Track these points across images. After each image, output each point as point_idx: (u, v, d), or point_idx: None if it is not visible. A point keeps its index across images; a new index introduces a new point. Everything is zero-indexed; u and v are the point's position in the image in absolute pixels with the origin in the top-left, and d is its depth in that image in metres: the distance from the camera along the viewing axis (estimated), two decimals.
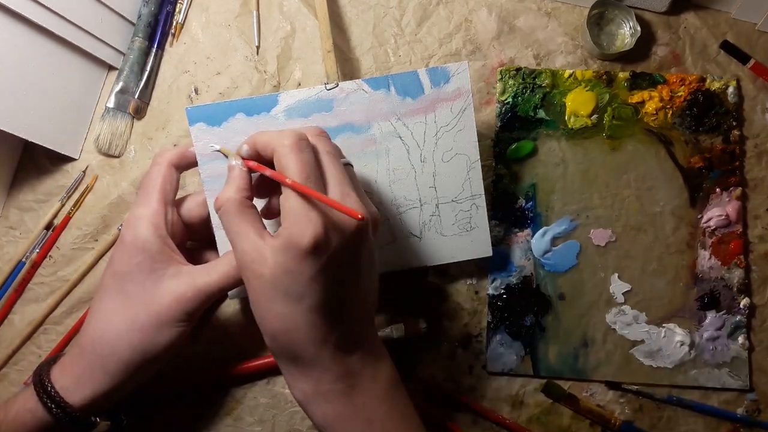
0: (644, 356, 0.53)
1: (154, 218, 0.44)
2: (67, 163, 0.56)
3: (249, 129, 0.48)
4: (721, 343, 0.53)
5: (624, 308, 0.54)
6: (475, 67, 0.56)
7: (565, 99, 0.56)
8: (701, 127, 0.56)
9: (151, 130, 0.57)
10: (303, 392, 0.40)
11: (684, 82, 0.56)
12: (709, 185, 0.55)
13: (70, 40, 0.52)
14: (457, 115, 0.49)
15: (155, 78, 0.57)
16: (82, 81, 0.55)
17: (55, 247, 0.56)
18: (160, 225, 0.44)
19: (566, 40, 0.57)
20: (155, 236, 0.43)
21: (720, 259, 0.54)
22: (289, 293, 0.37)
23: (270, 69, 0.56)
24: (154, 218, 0.44)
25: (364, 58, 0.57)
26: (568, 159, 0.55)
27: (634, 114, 0.56)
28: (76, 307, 0.55)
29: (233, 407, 0.54)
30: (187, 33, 0.58)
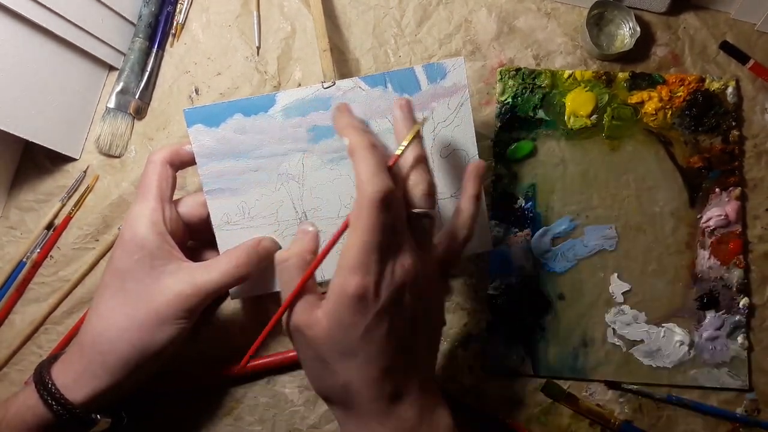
0: (644, 356, 0.53)
1: (153, 215, 0.44)
2: (68, 163, 0.56)
3: (247, 129, 0.48)
4: (720, 343, 0.53)
5: (623, 308, 0.54)
6: (475, 68, 0.56)
7: (565, 99, 0.56)
8: (700, 128, 0.55)
9: (151, 130, 0.57)
10: None
11: (683, 82, 0.56)
12: (709, 185, 0.55)
13: (71, 41, 0.52)
14: (455, 111, 0.49)
15: (156, 78, 0.57)
16: (82, 81, 0.55)
17: (56, 247, 0.56)
18: (158, 222, 0.44)
19: (566, 40, 0.57)
20: (154, 233, 0.43)
21: (719, 259, 0.54)
22: (343, 350, 0.37)
23: (270, 69, 0.56)
24: (153, 215, 0.44)
25: (364, 58, 0.57)
26: (567, 159, 0.55)
27: (633, 114, 0.56)
28: (76, 307, 0.55)
29: (233, 407, 0.54)
30: (188, 33, 0.58)
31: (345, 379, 0.37)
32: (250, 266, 0.46)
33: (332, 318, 0.37)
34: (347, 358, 0.37)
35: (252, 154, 0.48)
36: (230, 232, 0.49)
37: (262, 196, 0.49)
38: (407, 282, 0.37)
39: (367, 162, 0.37)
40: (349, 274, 0.36)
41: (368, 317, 0.36)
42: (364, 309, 0.36)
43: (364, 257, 0.36)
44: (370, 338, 0.36)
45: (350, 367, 0.37)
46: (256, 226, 0.49)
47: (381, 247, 0.36)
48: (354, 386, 0.37)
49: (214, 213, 0.49)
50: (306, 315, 0.38)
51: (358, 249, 0.36)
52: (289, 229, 0.50)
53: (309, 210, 0.49)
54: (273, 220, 0.49)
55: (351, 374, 0.37)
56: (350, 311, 0.36)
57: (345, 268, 0.36)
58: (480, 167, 0.44)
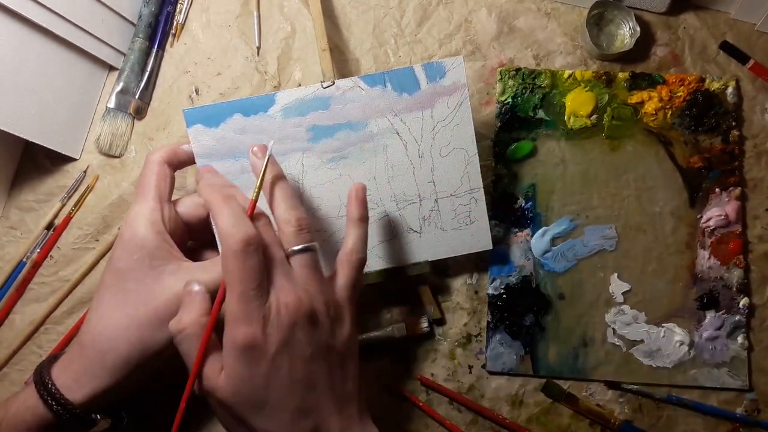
0: (644, 356, 0.53)
1: (152, 215, 0.44)
2: (68, 163, 0.56)
3: (247, 129, 0.48)
4: (720, 343, 0.53)
5: (623, 308, 0.54)
6: (475, 68, 0.56)
7: (565, 99, 0.56)
8: (700, 128, 0.55)
9: (151, 130, 0.57)
10: None
11: (683, 82, 0.56)
12: (709, 185, 0.55)
13: (71, 41, 0.52)
14: (454, 110, 0.49)
15: (156, 78, 0.57)
16: (82, 81, 0.55)
17: (56, 247, 0.56)
18: (157, 221, 0.44)
19: (566, 40, 0.57)
20: (153, 233, 0.43)
21: (719, 259, 0.54)
22: (251, 404, 0.38)
23: (270, 70, 0.57)
24: (152, 215, 0.44)
25: (364, 58, 0.57)
26: (567, 159, 0.55)
27: (633, 114, 0.56)
28: (77, 307, 0.55)
29: None
30: (188, 33, 0.58)
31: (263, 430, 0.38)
32: None
33: (231, 375, 0.37)
34: (258, 410, 0.38)
35: None
36: None
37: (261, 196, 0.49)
38: (296, 320, 0.38)
39: (223, 214, 0.38)
40: (234, 327, 0.37)
41: (264, 364, 0.37)
42: (257, 357, 0.37)
43: (244, 306, 0.36)
44: (272, 384, 0.37)
45: (264, 417, 0.38)
46: None
47: (257, 293, 0.37)
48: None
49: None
50: (211, 381, 0.39)
51: (236, 300, 0.36)
52: None
53: (309, 210, 0.49)
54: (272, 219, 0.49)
55: (266, 424, 0.38)
56: (245, 363, 0.37)
57: (229, 322, 0.37)
58: (359, 190, 0.44)
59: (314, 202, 0.49)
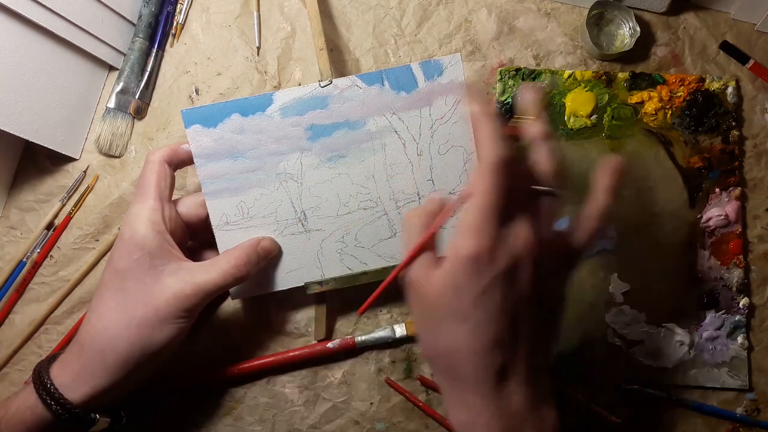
0: (644, 356, 0.53)
1: (152, 215, 0.44)
2: (68, 163, 0.56)
3: (245, 129, 0.48)
4: (720, 343, 0.54)
5: (624, 308, 0.54)
6: (475, 68, 0.56)
7: (565, 99, 0.56)
8: (700, 128, 0.56)
9: (151, 130, 0.57)
10: (459, 421, 0.38)
11: (683, 82, 0.56)
12: (709, 185, 0.55)
13: (71, 41, 0.52)
14: (452, 107, 0.49)
15: (156, 78, 0.57)
16: (82, 81, 0.55)
17: (56, 247, 0.56)
18: (157, 221, 0.44)
19: (566, 40, 0.57)
20: (153, 232, 0.43)
21: (719, 259, 0.54)
22: (454, 312, 0.36)
23: (270, 70, 0.57)
24: (152, 215, 0.44)
25: (364, 58, 0.57)
26: (567, 159, 0.55)
27: (633, 114, 0.56)
28: (76, 307, 0.55)
29: (233, 407, 0.54)
30: (188, 33, 0.58)
31: (452, 343, 0.37)
32: (249, 266, 0.46)
33: (447, 278, 0.36)
34: (457, 321, 0.36)
35: (250, 153, 0.49)
36: (229, 232, 0.49)
37: (261, 195, 0.49)
38: (524, 254, 0.36)
39: (488, 130, 0.37)
40: (466, 237, 0.36)
41: (482, 282, 0.36)
42: (478, 273, 0.36)
43: (481, 220, 0.36)
44: (481, 304, 0.36)
45: (459, 331, 0.36)
46: (256, 226, 0.49)
47: (499, 211, 0.36)
48: (461, 353, 0.37)
49: (213, 213, 0.49)
50: (422, 271, 0.38)
51: (476, 211, 0.36)
52: (288, 229, 0.50)
53: (308, 209, 0.49)
54: (272, 219, 0.50)
55: (459, 339, 0.36)
56: (464, 273, 0.36)
57: (462, 230, 0.36)
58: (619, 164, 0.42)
59: (314, 201, 0.49)
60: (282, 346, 0.55)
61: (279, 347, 0.55)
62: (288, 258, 0.50)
